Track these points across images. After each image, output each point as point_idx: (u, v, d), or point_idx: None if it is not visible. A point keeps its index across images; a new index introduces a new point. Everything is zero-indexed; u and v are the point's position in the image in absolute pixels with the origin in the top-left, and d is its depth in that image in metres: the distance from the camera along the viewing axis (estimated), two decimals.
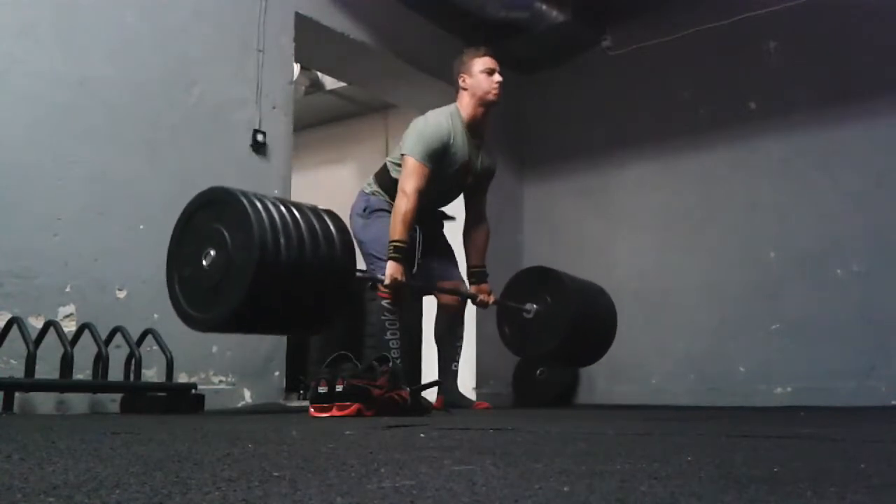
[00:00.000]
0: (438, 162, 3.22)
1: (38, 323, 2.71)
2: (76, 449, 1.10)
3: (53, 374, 2.55)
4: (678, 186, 4.85)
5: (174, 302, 2.56)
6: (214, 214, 2.49)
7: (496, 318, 3.86)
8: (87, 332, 2.63)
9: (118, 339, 2.71)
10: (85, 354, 2.61)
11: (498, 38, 4.82)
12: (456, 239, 3.62)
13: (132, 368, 2.70)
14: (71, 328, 2.73)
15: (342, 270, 2.64)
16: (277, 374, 3.58)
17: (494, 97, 3.32)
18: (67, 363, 2.48)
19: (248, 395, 3.42)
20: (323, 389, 2.34)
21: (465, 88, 3.34)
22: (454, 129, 3.26)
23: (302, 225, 2.51)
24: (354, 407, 2.29)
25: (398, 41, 4.58)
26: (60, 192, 2.94)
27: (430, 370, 4.21)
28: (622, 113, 5.12)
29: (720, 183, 4.69)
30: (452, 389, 3.44)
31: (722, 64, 4.75)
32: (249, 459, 0.99)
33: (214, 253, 2.44)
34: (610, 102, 5.18)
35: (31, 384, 2.46)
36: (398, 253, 3.12)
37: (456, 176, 3.34)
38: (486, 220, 3.59)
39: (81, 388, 2.73)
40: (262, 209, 2.41)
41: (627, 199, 5.05)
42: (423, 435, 1.49)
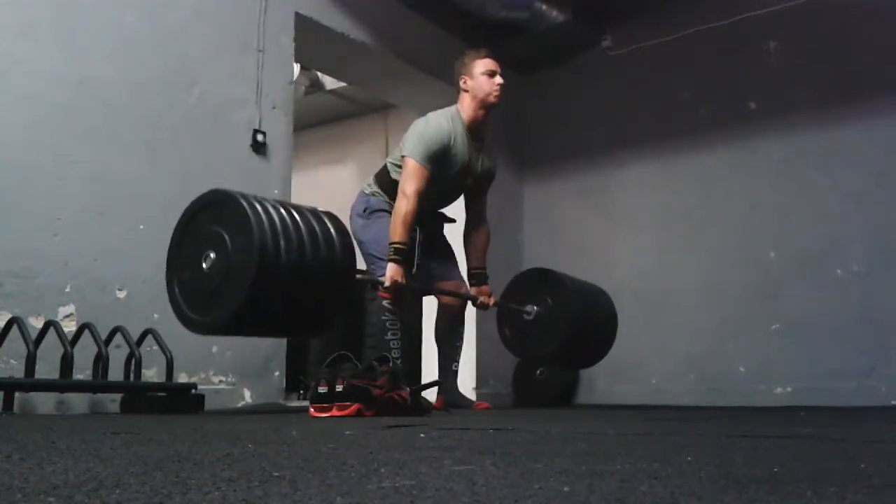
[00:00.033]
0: (439, 164, 3.22)
1: (38, 323, 2.71)
2: (76, 449, 1.10)
3: (53, 374, 2.55)
4: (678, 186, 4.85)
5: (174, 305, 2.56)
6: (214, 217, 2.49)
7: (496, 319, 3.86)
8: (87, 332, 2.63)
9: (118, 339, 2.71)
10: (85, 354, 2.61)
11: (498, 38, 4.82)
12: (456, 239, 3.62)
13: (132, 368, 2.70)
14: (71, 328, 2.73)
15: (342, 273, 2.64)
16: (277, 374, 3.58)
17: (495, 99, 3.32)
18: (67, 363, 2.48)
19: (248, 395, 3.42)
20: (323, 389, 2.34)
21: (465, 90, 3.33)
22: (454, 130, 3.26)
23: (302, 227, 2.51)
24: (354, 407, 2.29)
25: (398, 41, 4.58)
26: (60, 192, 2.94)
27: (430, 370, 4.22)
28: (622, 113, 5.12)
29: (720, 183, 4.69)
30: (452, 389, 3.44)
31: (722, 64, 4.75)
32: (249, 459, 0.99)
33: (214, 255, 2.44)
34: (610, 102, 5.18)
35: (31, 384, 2.46)
36: (398, 255, 3.12)
37: (456, 178, 3.34)
38: (486, 221, 3.59)
39: (81, 388, 2.73)
40: (261, 212, 2.41)
41: (627, 199, 5.05)
42: (423, 435, 1.49)
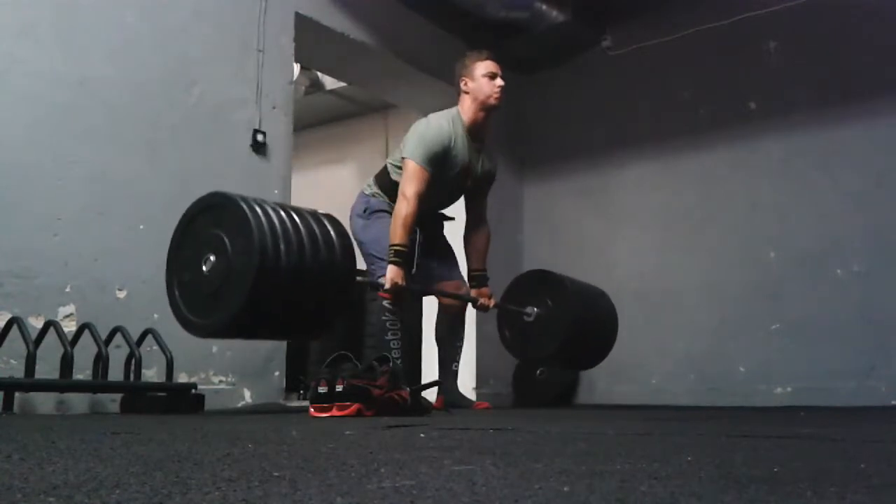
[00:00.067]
0: (439, 166, 3.22)
1: (38, 323, 2.71)
2: (76, 449, 1.10)
3: (53, 374, 2.55)
4: (678, 186, 4.85)
5: (174, 307, 2.56)
6: (214, 220, 2.49)
7: (496, 321, 3.85)
8: (87, 332, 2.63)
9: (118, 339, 2.71)
10: (85, 354, 2.61)
11: (498, 38, 4.82)
12: (456, 239, 3.62)
13: (132, 368, 2.70)
14: (71, 328, 2.73)
15: (342, 275, 2.64)
16: (277, 374, 3.58)
17: (496, 101, 3.32)
18: (67, 363, 2.48)
19: (248, 395, 3.42)
20: (323, 389, 2.34)
21: (466, 92, 3.33)
22: (455, 132, 3.26)
23: (302, 230, 2.50)
24: (354, 407, 2.29)
25: (398, 41, 4.58)
26: (60, 192, 2.94)
27: (430, 370, 4.22)
28: (622, 113, 5.11)
29: (720, 183, 4.69)
30: (452, 389, 3.44)
31: (722, 64, 4.75)
32: (249, 459, 0.99)
33: (214, 258, 2.43)
34: (610, 102, 5.18)
35: (31, 384, 2.46)
36: (398, 257, 3.12)
37: (456, 179, 3.34)
38: (486, 223, 3.59)
39: (81, 388, 2.73)
40: (261, 214, 2.41)
41: (627, 199, 5.05)
42: (423, 435, 1.49)
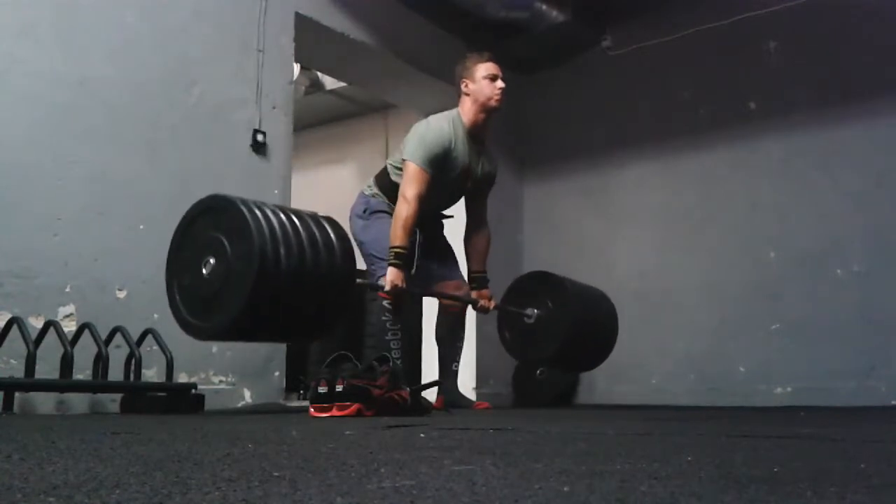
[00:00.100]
0: (439, 167, 3.22)
1: (38, 323, 2.71)
2: (76, 449, 1.10)
3: (53, 374, 2.55)
4: (678, 186, 4.85)
5: (174, 309, 2.56)
6: (214, 222, 2.49)
7: (497, 322, 3.85)
8: (87, 332, 2.63)
9: (118, 339, 2.71)
10: (85, 354, 2.61)
11: (498, 38, 4.82)
12: (456, 239, 3.62)
13: (132, 368, 2.70)
14: (71, 328, 2.73)
15: (342, 278, 2.64)
16: (277, 374, 3.59)
17: (496, 103, 3.31)
18: (67, 363, 2.48)
19: (248, 395, 3.42)
20: (323, 389, 2.34)
21: (467, 94, 3.33)
22: (455, 134, 3.26)
23: (302, 233, 2.50)
24: (354, 407, 2.29)
25: (398, 41, 4.58)
26: (60, 192, 2.94)
27: (430, 370, 4.22)
28: (622, 113, 5.11)
29: (720, 183, 4.69)
30: (452, 389, 3.44)
31: (722, 64, 4.75)
32: (249, 459, 0.99)
33: (214, 261, 2.43)
34: (610, 102, 5.18)
35: (31, 384, 2.46)
36: (399, 259, 3.12)
37: (457, 181, 3.34)
38: (486, 225, 3.59)
39: (81, 388, 2.73)
40: (261, 217, 2.41)
41: (627, 199, 5.05)
42: (423, 435, 1.49)
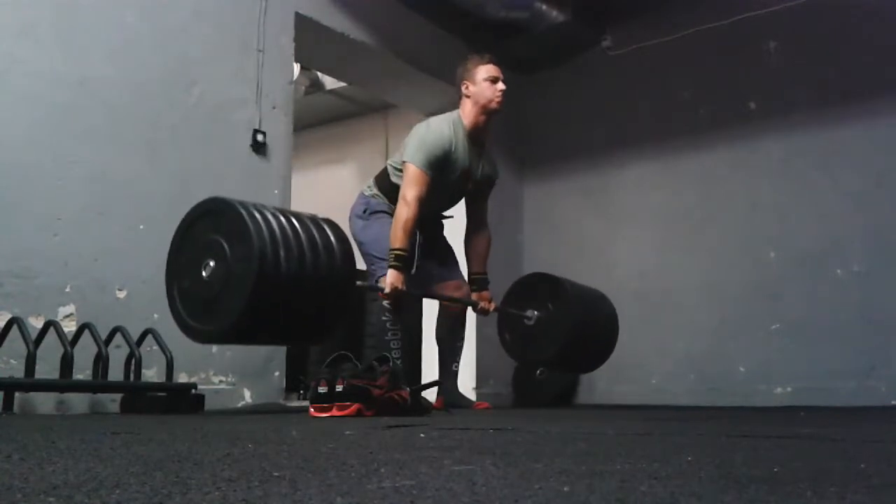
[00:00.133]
0: (439, 169, 3.22)
1: (38, 323, 2.71)
2: (76, 449, 1.10)
3: (53, 374, 2.55)
4: (678, 186, 4.85)
5: (174, 312, 2.56)
6: (213, 225, 2.49)
7: (497, 324, 3.85)
8: (87, 332, 2.63)
9: (118, 339, 2.71)
10: (85, 354, 2.61)
11: (498, 38, 4.82)
12: (456, 239, 3.62)
13: (132, 368, 2.70)
14: (71, 328, 2.73)
15: (342, 281, 2.64)
16: (277, 374, 3.58)
17: (497, 105, 3.31)
18: (67, 363, 2.48)
19: (248, 395, 3.42)
20: (323, 389, 2.34)
21: (467, 96, 3.33)
22: (455, 136, 3.26)
23: (302, 235, 2.50)
24: (354, 407, 2.29)
25: (398, 41, 4.58)
26: (60, 192, 2.94)
27: (430, 370, 4.21)
28: (622, 113, 5.11)
29: (720, 183, 4.69)
30: (452, 390, 3.44)
31: (722, 64, 4.75)
32: (249, 459, 0.99)
33: (214, 264, 2.43)
34: (610, 102, 5.18)
35: (31, 384, 2.46)
36: (399, 261, 3.12)
37: (457, 183, 3.35)
38: (487, 226, 3.59)
39: (81, 388, 2.73)
40: (261, 220, 2.41)
41: (627, 199, 5.05)
42: (423, 435, 1.49)
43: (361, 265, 3.16)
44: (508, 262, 4.92)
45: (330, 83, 6.18)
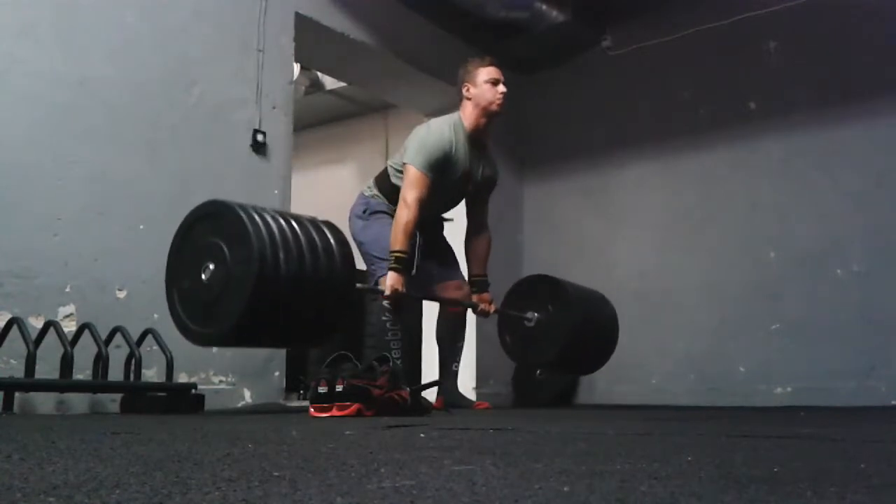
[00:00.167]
0: (440, 171, 3.21)
1: (38, 323, 2.71)
2: (76, 449, 1.10)
3: (53, 374, 2.55)
4: (678, 186, 4.85)
5: (174, 315, 2.56)
6: (213, 228, 2.49)
7: (497, 326, 3.85)
8: (87, 332, 2.63)
9: (118, 339, 2.71)
10: (85, 354, 2.61)
11: (498, 38, 4.82)
12: (456, 240, 3.62)
13: (132, 368, 2.70)
14: (71, 328, 2.73)
15: (342, 283, 2.64)
16: (277, 374, 3.59)
17: (498, 108, 3.31)
18: (67, 363, 2.48)
19: (248, 395, 3.42)
20: (323, 389, 2.34)
21: (468, 98, 3.32)
22: (456, 138, 3.26)
23: (301, 238, 2.50)
24: (354, 407, 2.29)
25: (398, 41, 4.58)
26: (60, 192, 2.94)
27: (430, 370, 4.21)
28: (622, 113, 5.11)
29: (720, 183, 4.69)
30: (452, 390, 3.44)
31: (722, 64, 4.75)
32: (249, 459, 0.99)
33: (213, 267, 2.43)
34: (610, 102, 5.18)
35: (31, 384, 2.46)
36: (399, 263, 3.12)
37: (457, 185, 3.35)
38: (487, 229, 3.58)
39: (81, 388, 2.73)
40: (260, 223, 2.41)
41: (627, 199, 5.05)
42: (423, 435, 1.49)
43: (361, 265, 3.16)
44: (508, 262, 4.92)
45: (330, 83, 6.18)
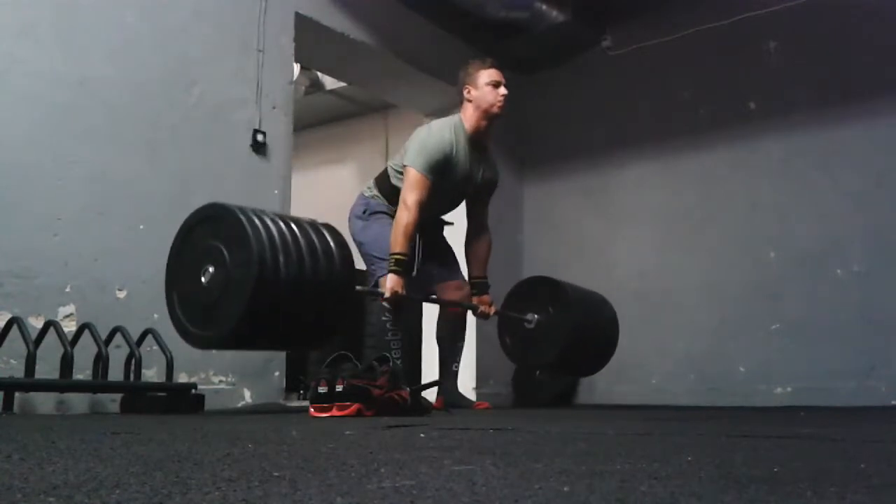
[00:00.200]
0: (440, 173, 3.21)
1: (38, 323, 2.71)
2: (76, 449, 1.10)
3: (53, 374, 2.55)
4: (678, 186, 4.85)
5: (173, 318, 2.56)
6: (212, 231, 2.49)
7: (497, 327, 3.84)
8: (87, 332, 2.63)
9: (118, 339, 2.71)
10: (85, 354, 2.61)
11: (498, 38, 4.82)
12: (457, 241, 3.62)
13: (132, 368, 2.70)
14: (71, 328, 2.73)
15: (342, 286, 2.63)
16: (277, 374, 3.58)
17: (499, 110, 3.31)
18: (67, 363, 2.48)
19: (248, 395, 3.42)
20: (323, 389, 2.34)
21: (469, 100, 3.32)
22: (457, 140, 3.26)
23: (301, 241, 2.50)
24: (354, 407, 2.29)
25: (398, 41, 4.58)
26: (60, 192, 2.94)
27: (430, 370, 4.21)
28: (622, 113, 5.11)
29: (720, 183, 4.69)
30: (452, 390, 3.44)
31: (722, 64, 4.75)
32: (249, 459, 0.99)
33: (213, 270, 2.43)
34: (610, 102, 5.18)
35: (31, 384, 2.46)
36: (399, 266, 3.12)
37: (458, 187, 3.35)
38: (488, 231, 3.58)
39: (81, 388, 2.73)
40: (260, 226, 2.40)
41: (627, 198, 5.05)
42: (423, 435, 1.49)
43: (361, 266, 3.16)
44: (508, 262, 4.92)
45: (330, 83, 6.18)
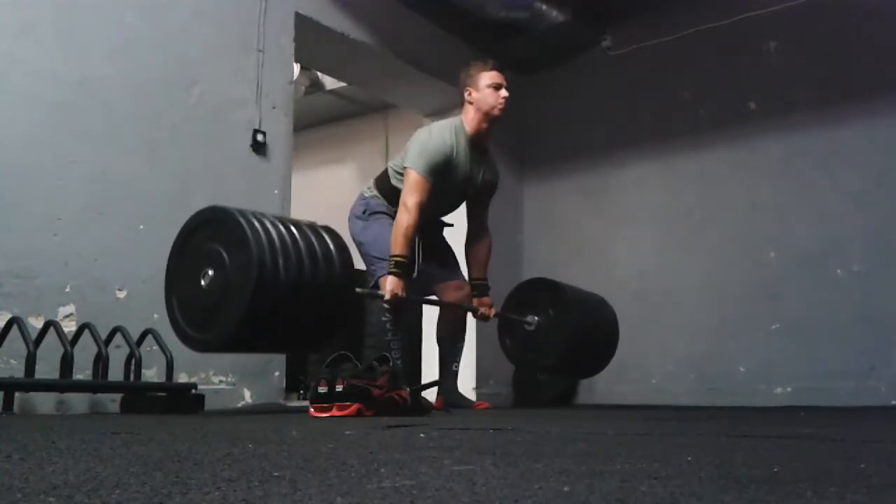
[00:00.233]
0: (441, 175, 3.21)
1: (38, 323, 2.71)
2: (76, 449, 1.10)
3: (53, 374, 2.55)
4: (678, 186, 4.85)
5: (172, 321, 2.56)
6: (212, 234, 2.49)
7: (497, 330, 3.84)
8: (87, 332, 2.63)
9: (118, 339, 2.71)
10: (85, 354, 2.61)
11: (498, 38, 4.82)
12: (456, 243, 3.61)
13: (132, 368, 2.70)
14: (71, 328, 2.73)
15: (341, 289, 2.63)
16: (277, 374, 3.59)
17: (500, 112, 3.30)
18: (67, 363, 2.48)
19: (248, 395, 3.42)
20: (323, 389, 2.34)
21: (470, 102, 3.32)
22: (457, 142, 3.26)
23: (301, 243, 2.50)
24: (354, 407, 2.29)
25: (398, 41, 4.58)
26: (60, 192, 2.94)
27: (430, 370, 4.21)
28: (622, 113, 5.11)
29: (720, 183, 4.69)
30: (452, 390, 3.44)
31: (722, 64, 4.75)
32: (249, 459, 0.99)
33: (213, 273, 2.43)
34: (610, 102, 5.18)
35: (31, 384, 2.46)
36: (398, 268, 3.12)
37: (458, 189, 3.35)
38: (488, 232, 3.58)
39: (81, 388, 2.73)
40: (260, 229, 2.40)
41: (627, 199, 5.05)
42: (423, 435, 1.49)
43: (361, 266, 3.16)
44: (508, 262, 4.92)
45: (330, 83, 6.18)
